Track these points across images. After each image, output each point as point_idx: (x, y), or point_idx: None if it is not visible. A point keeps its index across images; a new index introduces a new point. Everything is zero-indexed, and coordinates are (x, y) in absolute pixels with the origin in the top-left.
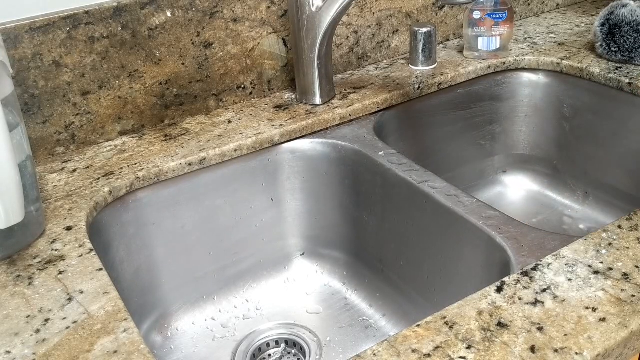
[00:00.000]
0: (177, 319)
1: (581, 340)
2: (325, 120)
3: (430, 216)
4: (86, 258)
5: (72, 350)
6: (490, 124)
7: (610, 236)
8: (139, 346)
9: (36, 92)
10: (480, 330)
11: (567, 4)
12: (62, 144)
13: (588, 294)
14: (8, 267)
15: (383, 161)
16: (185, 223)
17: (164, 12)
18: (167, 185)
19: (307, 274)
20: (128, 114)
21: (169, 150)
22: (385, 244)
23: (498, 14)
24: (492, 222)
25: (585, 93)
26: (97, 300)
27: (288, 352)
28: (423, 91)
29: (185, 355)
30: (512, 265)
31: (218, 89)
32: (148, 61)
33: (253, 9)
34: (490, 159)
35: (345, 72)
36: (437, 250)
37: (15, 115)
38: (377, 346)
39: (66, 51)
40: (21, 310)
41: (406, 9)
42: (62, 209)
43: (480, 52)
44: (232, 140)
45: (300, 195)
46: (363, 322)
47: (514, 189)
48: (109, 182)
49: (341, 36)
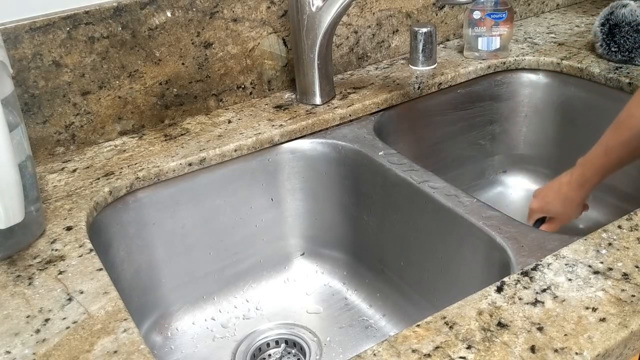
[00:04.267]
0: (177, 319)
1: (581, 340)
2: (325, 120)
3: (430, 216)
4: (86, 258)
5: (72, 350)
6: (490, 124)
7: (610, 236)
8: (139, 346)
9: (36, 92)
10: (480, 330)
11: (567, 4)
12: (62, 144)
13: (588, 294)
14: (8, 267)
15: (383, 161)
16: (185, 223)
17: (164, 12)
18: (167, 185)
19: (307, 274)
20: (128, 114)
21: (169, 150)
22: (385, 244)
23: (498, 14)
24: (492, 222)
25: (585, 93)
26: (97, 300)
27: (288, 352)
28: (423, 91)
29: (185, 355)
30: (512, 265)
31: (218, 89)
32: (148, 61)
33: (253, 9)
34: (490, 159)
35: (345, 72)
36: (437, 250)
37: (15, 115)
38: (377, 346)
39: (66, 51)
40: (21, 310)
41: (406, 9)
42: (62, 209)
43: (480, 52)
44: (232, 140)
45: (300, 195)
46: (363, 322)
47: (514, 189)
48: (109, 182)
49: (341, 36)
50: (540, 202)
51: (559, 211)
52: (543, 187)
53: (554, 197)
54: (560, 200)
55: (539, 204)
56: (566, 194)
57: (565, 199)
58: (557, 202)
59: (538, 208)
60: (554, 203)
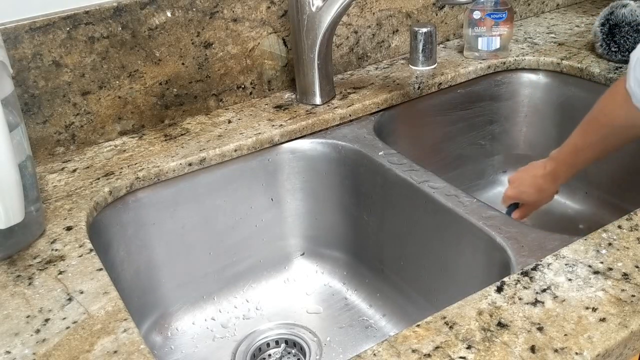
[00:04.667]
0: (177, 319)
1: (581, 340)
2: (325, 120)
3: (430, 216)
4: (86, 258)
5: (72, 350)
6: (490, 124)
7: (610, 236)
8: (139, 346)
9: (36, 92)
10: (480, 330)
11: (567, 4)
12: (62, 144)
13: (588, 294)
14: (8, 267)
15: (383, 161)
16: (185, 223)
17: (164, 12)
18: (167, 185)
19: (307, 274)
20: (128, 114)
21: (169, 150)
22: (385, 244)
23: (498, 14)
24: (492, 222)
25: (585, 93)
26: (97, 300)
27: (288, 352)
28: (423, 91)
29: (185, 355)
30: (512, 265)
31: (218, 89)
32: (148, 61)
33: (253, 9)
34: (490, 159)
35: (345, 72)
36: (437, 250)
37: (15, 115)
38: (377, 346)
39: (66, 51)
40: (21, 310)
41: (406, 9)
42: (62, 209)
43: (480, 52)
44: (232, 140)
45: (300, 195)
46: (363, 322)
47: None
48: (109, 182)
49: (341, 36)
50: (515, 190)
51: (533, 199)
52: (517, 175)
53: (529, 186)
54: (535, 190)
55: (514, 192)
56: (541, 185)
57: (540, 190)
58: (532, 192)
59: (513, 195)
60: (528, 192)
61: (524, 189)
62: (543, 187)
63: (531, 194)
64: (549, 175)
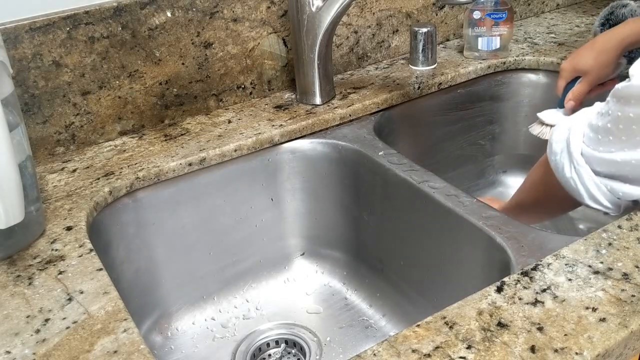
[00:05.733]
0: (177, 319)
1: (581, 340)
2: (325, 120)
3: (430, 216)
4: (86, 258)
5: (72, 350)
6: (490, 124)
7: (610, 236)
8: (139, 346)
9: (36, 92)
10: (480, 330)
11: (567, 4)
12: (62, 144)
13: (588, 294)
14: (8, 267)
15: (383, 161)
16: (185, 223)
17: (164, 12)
18: (167, 185)
19: (307, 274)
20: (128, 114)
21: (169, 150)
22: (385, 244)
23: (498, 14)
24: (492, 222)
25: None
26: (97, 300)
27: (288, 352)
28: (423, 91)
29: (185, 355)
30: (512, 265)
31: (218, 89)
32: (148, 61)
33: (253, 9)
34: (490, 159)
35: (345, 72)
36: (437, 250)
37: (15, 115)
38: (377, 346)
39: (66, 51)
40: (21, 310)
41: (406, 9)
42: (62, 209)
43: (480, 52)
44: (232, 140)
45: (300, 195)
46: (363, 322)
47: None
48: (109, 182)
49: (341, 36)
50: (571, 59)
51: (590, 65)
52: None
53: (586, 51)
54: (593, 54)
55: (570, 62)
56: (600, 47)
57: (599, 53)
58: (589, 56)
59: (569, 66)
60: (585, 57)
61: (581, 53)
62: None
63: (588, 59)
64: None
